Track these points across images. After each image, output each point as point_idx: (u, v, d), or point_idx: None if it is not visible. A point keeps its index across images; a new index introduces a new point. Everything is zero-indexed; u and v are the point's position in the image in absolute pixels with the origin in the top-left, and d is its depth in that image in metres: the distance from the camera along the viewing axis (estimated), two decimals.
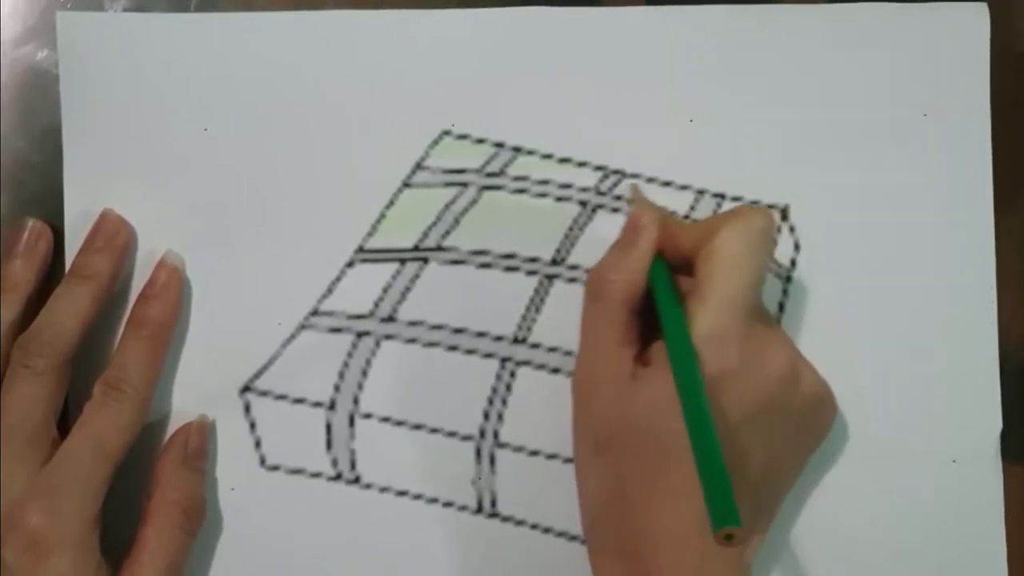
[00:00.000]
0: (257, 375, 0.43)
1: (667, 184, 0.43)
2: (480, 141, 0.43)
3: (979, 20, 0.43)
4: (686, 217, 0.43)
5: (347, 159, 0.43)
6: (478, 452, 0.42)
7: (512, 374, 0.42)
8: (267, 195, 0.43)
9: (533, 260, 0.43)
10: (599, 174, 0.43)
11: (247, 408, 0.42)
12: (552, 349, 0.42)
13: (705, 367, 0.36)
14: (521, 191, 0.43)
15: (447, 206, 0.43)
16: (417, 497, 0.42)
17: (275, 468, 0.42)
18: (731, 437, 0.35)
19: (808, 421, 0.39)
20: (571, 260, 0.43)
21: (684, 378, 0.35)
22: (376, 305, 0.43)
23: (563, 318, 0.42)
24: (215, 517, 0.42)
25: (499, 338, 0.42)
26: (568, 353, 0.42)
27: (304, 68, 0.43)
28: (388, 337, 0.42)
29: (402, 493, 0.42)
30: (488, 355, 0.42)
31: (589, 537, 0.39)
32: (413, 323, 0.42)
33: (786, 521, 0.41)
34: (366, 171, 0.43)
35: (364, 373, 0.42)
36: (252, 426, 0.42)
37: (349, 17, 0.43)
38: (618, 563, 0.37)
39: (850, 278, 0.42)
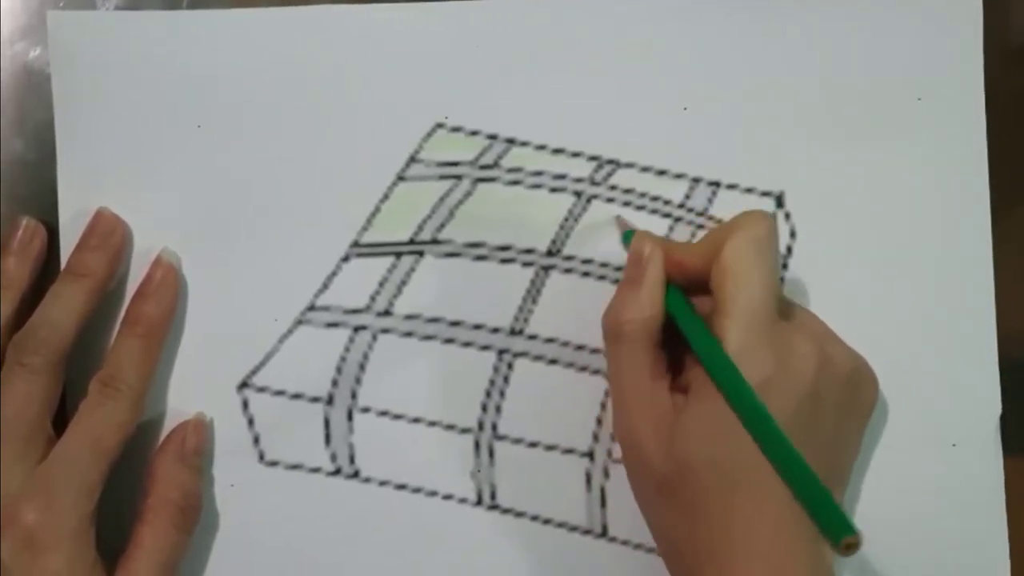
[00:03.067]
0: (254, 371, 0.42)
1: (662, 173, 0.43)
2: (474, 133, 0.43)
3: (971, 3, 0.43)
4: (681, 206, 0.43)
5: (341, 153, 0.43)
6: (477, 444, 0.42)
7: (510, 366, 0.42)
8: (261, 191, 0.43)
9: (528, 251, 0.43)
10: (593, 164, 0.43)
11: (245, 404, 0.42)
12: (549, 340, 0.42)
13: (746, 381, 0.36)
14: (515, 183, 0.43)
15: (442, 199, 0.43)
16: (416, 490, 0.42)
17: (274, 464, 0.42)
18: None
19: (852, 397, 0.39)
20: (566, 251, 0.43)
21: (739, 398, 0.35)
22: (372, 299, 0.43)
23: (560, 309, 0.42)
24: (214, 513, 0.42)
25: (496, 330, 0.42)
26: (565, 344, 0.42)
27: (296, 64, 0.43)
28: (385, 331, 0.42)
29: (401, 487, 0.42)
30: (485, 347, 0.42)
31: (671, 568, 0.38)
32: (409, 316, 0.42)
33: None
34: (360, 165, 0.43)
35: (362, 367, 0.42)
36: (250, 422, 0.42)
37: (340, 12, 0.43)
38: None
39: (846, 264, 0.42)
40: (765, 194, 0.43)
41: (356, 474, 0.42)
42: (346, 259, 0.43)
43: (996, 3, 0.43)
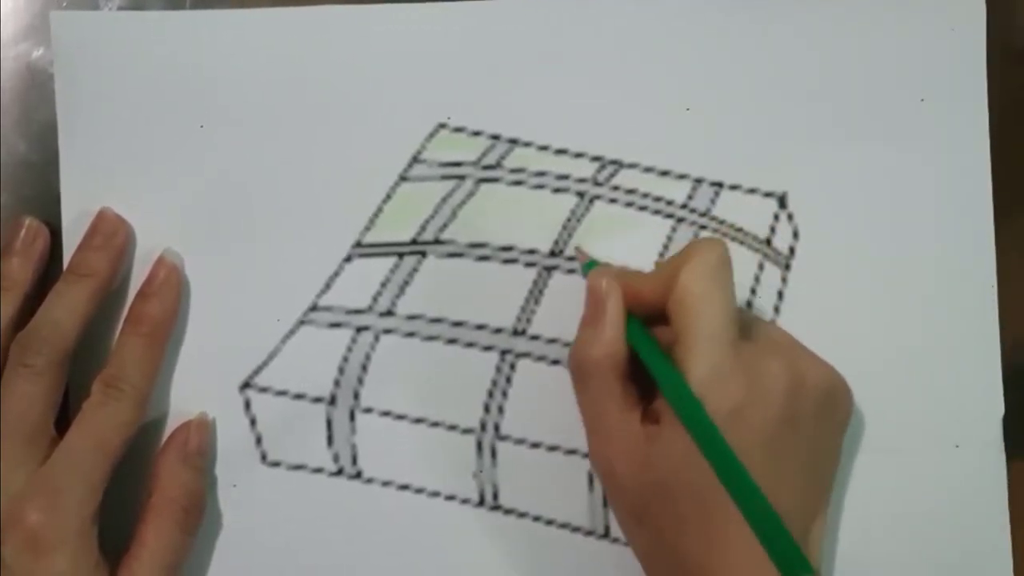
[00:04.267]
0: (257, 371, 0.42)
1: (665, 174, 0.43)
2: (476, 134, 0.43)
3: (975, 3, 0.43)
4: (683, 207, 0.43)
5: (343, 154, 0.43)
6: (479, 445, 0.42)
7: (512, 366, 0.42)
8: (264, 191, 0.43)
9: (531, 252, 0.43)
10: (596, 164, 0.43)
11: (247, 404, 0.42)
12: (551, 340, 0.42)
13: (713, 411, 0.35)
14: (518, 183, 0.43)
15: (444, 199, 0.43)
16: (419, 491, 0.42)
17: (276, 464, 0.42)
18: (760, 465, 0.35)
19: (826, 412, 0.39)
20: (569, 251, 0.43)
21: (700, 432, 0.35)
22: (375, 299, 0.43)
23: (562, 309, 0.42)
24: (216, 514, 0.42)
25: (498, 330, 0.42)
26: (567, 344, 0.42)
27: (299, 64, 0.43)
28: (387, 331, 0.42)
29: (404, 487, 0.42)
30: (487, 348, 0.42)
31: None
32: (412, 317, 0.42)
33: None
34: (362, 165, 0.43)
35: (364, 368, 0.42)
36: (252, 422, 0.42)
37: (343, 12, 0.43)
38: None
39: (849, 264, 0.42)
40: (768, 195, 0.43)
41: (358, 475, 0.42)
42: (348, 259, 0.43)
43: (1000, 3, 0.43)
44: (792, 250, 0.42)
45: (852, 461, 0.42)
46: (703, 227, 0.42)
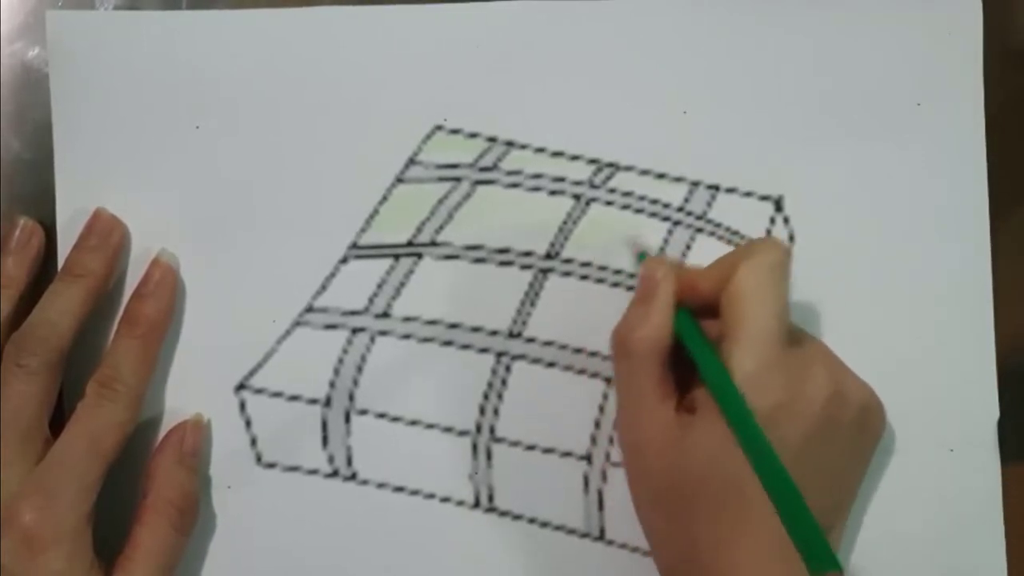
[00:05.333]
0: (252, 372, 0.42)
1: (661, 177, 0.43)
2: (473, 135, 0.43)
3: (972, 8, 0.43)
4: (680, 210, 0.43)
5: (339, 155, 0.43)
6: (475, 447, 0.42)
7: (508, 368, 0.42)
8: (260, 192, 0.43)
9: (527, 254, 0.43)
10: (593, 167, 0.43)
11: (242, 406, 0.42)
12: (547, 343, 0.42)
13: (754, 407, 0.36)
14: (514, 185, 0.43)
15: (440, 201, 0.43)
16: (414, 493, 0.42)
17: (271, 465, 0.42)
18: (789, 466, 0.35)
19: (861, 427, 0.39)
20: (565, 254, 0.43)
21: (741, 425, 0.36)
22: (371, 301, 0.43)
23: (558, 312, 0.42)
24: (211, 515, 0.42)
25: (494, 333, 0.42)
26: (563, 347, 0.42)
27: (295, 65, 0.43)
28: (383, 333, 0.42)
29: (399, 489, 0.42)
30: (483, 350, 0.42)
31: None
32: (408, 319, 0.42)
33: None
34: (359, 167, 0.43)
35: (359, 369, 0.42)
36: (248, 424, 0.42)
37: (340, 13, 0.43)
38: None
39: (845, 268, 0.42)
40: (764, 198, 0.43)
41: (354, 476, 0.42)
42: (344, 261, 0.43)
43: (996, 4, 0.43)
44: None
45: None
46: (699, 230, 0.43)
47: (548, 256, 0.43)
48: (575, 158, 0.43)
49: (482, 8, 0.43)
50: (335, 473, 0.42)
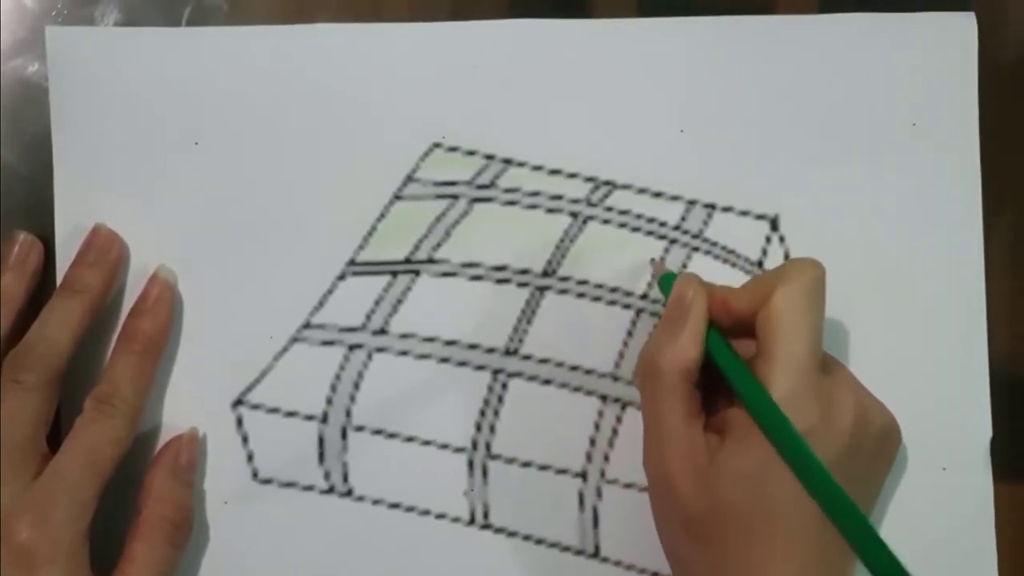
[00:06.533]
0: (249, 388, 0.42)
1: (658, 195, 0.43)
2: (471, 153, 0.43)
3: (967, 30, 0.43)
4: (676, 228, 0.43)
5: (337, 172, 0.43)
6: (470, 464, 0.42)
7: (504, 386, 0.42)
8: (258, 209, 0.43)
9: (524, 272, 0.43)
10: (590, 185, 0.43)
11: (239, 421, 0.42)
12: (544, 360, 0.42)
13: None
14: (512, 203, 0.43)
15: (438, 218, 0.43)
16: (410, 509, 0.42)
17: (268, 481, 0.42)
18: None
19: (882, 451, 0.39)
20: (562, 271, 0.43)
21: (791, 449, 0.36)
22: (368, 318, 0.43)
23: (555, 329, 0.42)
24: (207, 530, 0.42)
25: (491, 350, 0.42)
26: (560, 364, 0.42)
27: (294, 82, 0.43)
28: (380, 350, 0.42)
29: (395, 505, 0.42)
30: (480, 367, 0.42)
31: None
32: (405, 335, 0.42)
33: None
34: (357, 184, 0.43)
35: (356, 386, 0.42)
36: (244, 439, 0.42)
37: (339, 31, 0.43)
38: None
39: (840, 287, 0.42)
40: (760, 217, 0.43)
41: (350, 492, 0.42)
42: (342, 277, 0.43)
43: (989, 17, 0.43)
44: None
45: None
46: (695, 249, 0.43)
47: (545, 274, 0.43)
48: (573, 176, 0.43)
49: (481, 26, 0.43)
50: (331, 489, 0.42)
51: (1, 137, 0.43)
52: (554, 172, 0.43)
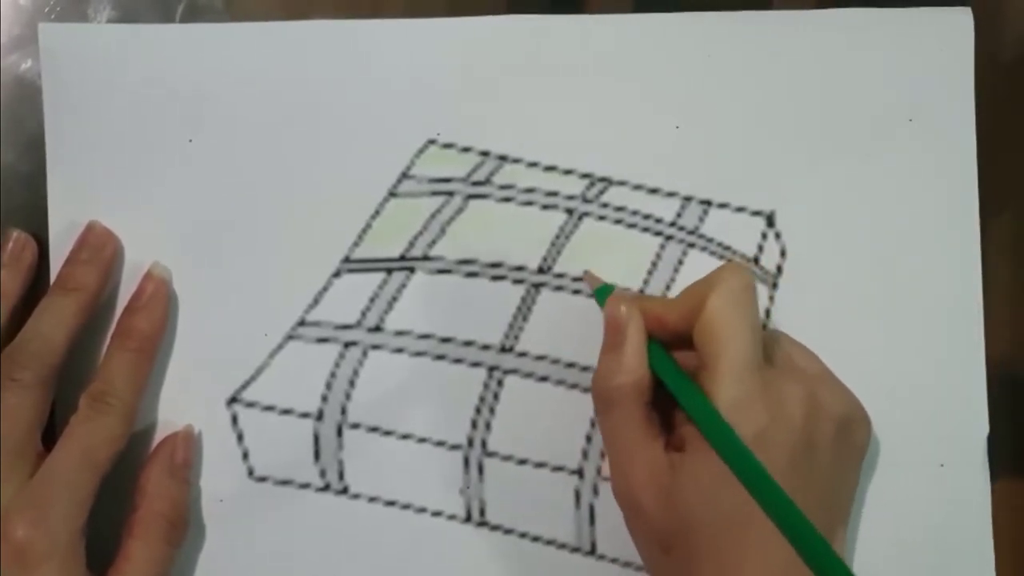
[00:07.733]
0: (244, 386, 0.42)
1: (654, 191, 0.43)
2: (466, 150, 0.43)
3: (963, 25, 0.43)
4: (672, 224, 0.43)
5: (332, 169, 0.43)
6: (466, 461, 0.42)
7: (500, 383, 0.42)
8: (253, 206, 0.43)
9: (520, 269, 0.43)
10: (585, 182, 0.43)
11: (234, 419, 0.42)
12: (539, 357, 0.42)
13: (739, 435, 0.36)
14: (507, 200, 0.43)
15: (433, 215, 0.43)
16: (406, 507, 0.42)
17: (263, 479, 0.42)
18: (785, 490, 0.35)
19: (843, 438, 0.39)
20: (558, 268, 0.43)
21: (732, 454, 0.35)
22: (363, 315, 0.43)
23: (550, 326, 0.42)
24: (202, 528, 0.42)
25: (486, 347, 0.42)
26: (555, 361, 0.42)
27: (289, 79, 0.43)
28: (375, 347, 0.42)
29: (391, 503, 0.42)
30: (475, 364, 0.42)
31: None
32: (400, 333, 0.42)
33: None
34: (352, 181, 0.43)
35: (351, 383, 0.42)
36: (239, 437, 0.42)
37: (333, 27, 0.43)
38: None
39: (836, 284, 0.43)
40: (756, 213, 0.43)
41: (345, 490, 0.42)
42: (337, 275, 0.43)
43: (986, 14, 0.43)
44: (780, 269, 0.43)
45: None
46: (691, 245, 0.43)
47: (540, 271, 0.43)
48: (568, 172, 0.43)
49: (476, 22, 0.43)
50: (327, 487, 0.42)
51: None
52: (549, 169, 0.43)
